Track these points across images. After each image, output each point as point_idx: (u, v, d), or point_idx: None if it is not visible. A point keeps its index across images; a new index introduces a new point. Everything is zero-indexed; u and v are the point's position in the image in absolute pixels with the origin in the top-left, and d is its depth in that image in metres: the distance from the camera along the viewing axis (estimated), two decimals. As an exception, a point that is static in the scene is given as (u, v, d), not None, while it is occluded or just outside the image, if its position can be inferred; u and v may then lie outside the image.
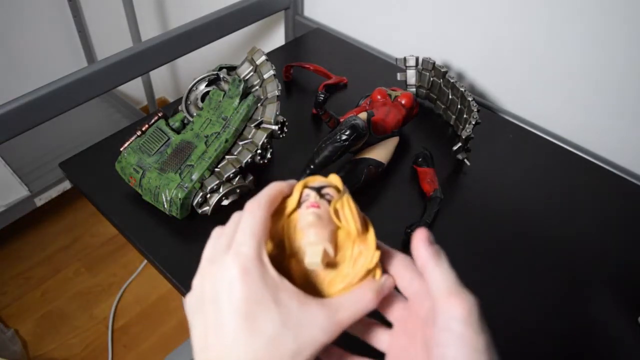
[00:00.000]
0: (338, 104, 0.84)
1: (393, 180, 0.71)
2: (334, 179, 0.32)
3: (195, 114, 0.67)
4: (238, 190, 0.65)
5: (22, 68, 1.58)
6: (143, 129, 0.66)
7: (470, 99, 0.74)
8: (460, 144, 0.70)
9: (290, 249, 0.31)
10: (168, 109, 0.74)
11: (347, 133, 0.63)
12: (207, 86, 0.69)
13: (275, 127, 0.65)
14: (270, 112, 0.65)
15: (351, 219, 0.30)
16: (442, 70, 0.78)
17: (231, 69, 0.70)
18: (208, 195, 0.64)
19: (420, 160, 0.71)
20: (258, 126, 0.66)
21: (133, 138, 0.66)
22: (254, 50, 0.67)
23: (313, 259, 0.28)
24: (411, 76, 0.83)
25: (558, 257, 0.63)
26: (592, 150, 0.80)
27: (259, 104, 0.66)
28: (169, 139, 0.65)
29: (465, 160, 0.73)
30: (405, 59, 0.82)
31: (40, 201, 1.45)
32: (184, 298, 0.35)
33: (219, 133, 0.64)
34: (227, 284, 0.27)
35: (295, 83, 0.90)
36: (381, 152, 0.69)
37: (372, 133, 0.70)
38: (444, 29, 0.88)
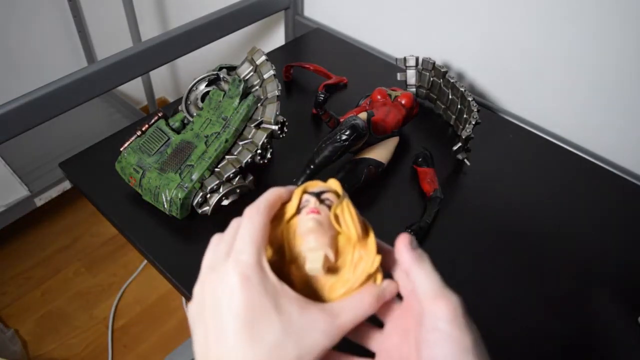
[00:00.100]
0: (338, 104, 0.84)
1: (393, 180, 0.71)
2: (334, 184, 0.32)
3: (195, 114, 0.67)
4: (238, 190, 0.65)
5: (22, 68, 1.58)
6: (143, 129, 0.66)
7: (470, 99, 0.74)
8: (460, 144, 0.70)
9: (290, 255, 0.30)
10: (168, 109, 0.74)
11: (347, 133, 0.63)
12: (207, 86, 0.69)
13: (275, 127, 0.65)
14: (270, 112, 0.65)
15: (351, 224, 0.30)
16: (442, 70, 0.78)
17: (231, 69, 0.70)
18: (208, 195, 0.64)
19: (420, 160, 0.71)
20: (258, 126, 0.66)
21: (133, 138, 0.66)
22: (254, 50, 0.67)
23: (314, 265, 0.28)
24: (411, 76, 0.83)
25: (558, 257, 0.63)
26: (592, 150, 0.80)
27: (259, 104, 0.66)
28: (169, 139, 0.65)
29: (465, 160, 0.73)
30: (405, 59, 0.82)
31: (40, 201, 1.45)
32: (186, 307, 0.35)
33: (219, 133, 0.64)
34: (228, 292, 0.27)
35: (295, 83, 0.90)
36: (381, 152, 0.69)
37: (372, 133, 0.70)
38: (444, 29, 0.88)
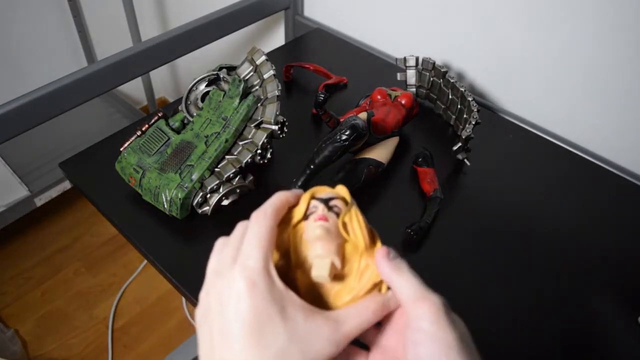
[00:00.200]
0: (338, 104, 0.84)
1: (393, 180, 0.71)
2: (342, 191, 0.31)
3: (195, 114, 0.67)
4: (238, 190, 0.65)
5: (22, 68, 1.58)
6: (143, 129, 0.66)
7: (470, 99, 0.74)
8: (460, 144, 0.70)
9: (296, 260, 0.30)
10: (168, 109, 0.74)
11: (347, 133, 0.63)
12: (207, 86, 0.69)
13: (275, 127, 0.65)
14: (270, 112, 0.65)
15: (359, 233, 0.30)
16: (442, 70, 0.78)
17: (231, 69, 0.70)
18: (208, 195, 0.64)
19: (420, 160, 0.71)
20: (258, 126, 0.66)
21: (133, 138, 0.66)
22: (254, 50, 0.67)
23: (320, 272, 0.28)
24: (411, 76, 0.83)
25: (558, 257, 0.63)
26: (592, 150, 0.80)
27: (259, 104, 0.66)
28: (169, 139, 0.65)
29: (465, 160, 0.73)
30: (405, 59, 0.82)
31: (40, 201, 1.45)
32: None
33: (219, 133, 0.64)
34: (235, 298, 0.27)
35: (295, 83, 0.90)
36: (381, 152, 0.69)
37: (372, 133, 0.70)
38: (444, 29, 0.88)
